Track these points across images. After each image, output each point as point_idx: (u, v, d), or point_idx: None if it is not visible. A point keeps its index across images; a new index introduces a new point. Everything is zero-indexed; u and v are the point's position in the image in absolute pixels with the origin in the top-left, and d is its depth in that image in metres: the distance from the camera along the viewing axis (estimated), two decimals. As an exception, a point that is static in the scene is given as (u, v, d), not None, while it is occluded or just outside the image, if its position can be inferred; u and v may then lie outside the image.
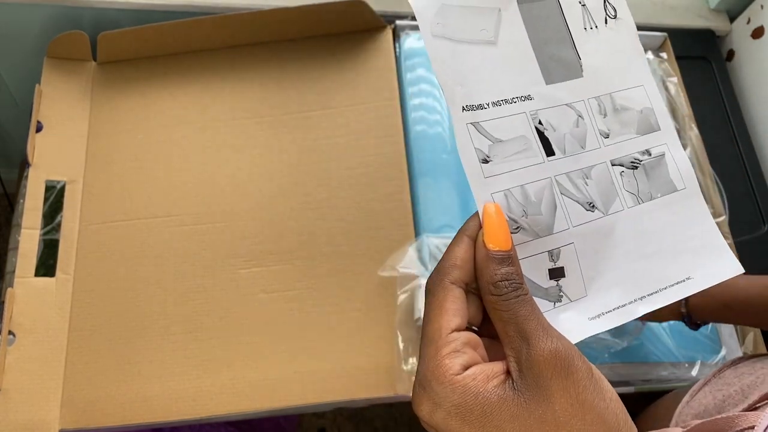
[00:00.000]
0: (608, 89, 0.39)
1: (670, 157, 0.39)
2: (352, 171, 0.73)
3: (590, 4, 0.39)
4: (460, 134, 0.35)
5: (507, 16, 0.38)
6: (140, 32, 0.76)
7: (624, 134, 0.38)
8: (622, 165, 0.38)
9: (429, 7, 0.36)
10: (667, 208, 0.38)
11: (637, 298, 0.36)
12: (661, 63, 0.85)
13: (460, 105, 0.35)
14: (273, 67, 0.79)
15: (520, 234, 0.34)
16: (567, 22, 0.39)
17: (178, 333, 0.66)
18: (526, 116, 0.37)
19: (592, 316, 0.35)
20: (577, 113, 0.38)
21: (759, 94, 0.89)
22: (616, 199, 0.37)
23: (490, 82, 0.37)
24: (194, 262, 0.69)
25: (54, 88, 0.77)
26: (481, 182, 0.34)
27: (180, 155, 0.75)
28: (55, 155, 0.74)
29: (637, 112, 0.39)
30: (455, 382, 0.28)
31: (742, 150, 0.86)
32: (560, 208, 0.36)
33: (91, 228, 0.71)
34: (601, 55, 0.39)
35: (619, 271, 0.37)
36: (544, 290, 0.35)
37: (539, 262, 0.35)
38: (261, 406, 0.64)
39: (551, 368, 0.28)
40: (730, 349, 0.71)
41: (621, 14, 0.40)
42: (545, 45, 0.38)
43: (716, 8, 0.95)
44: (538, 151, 0.36)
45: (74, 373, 0.65)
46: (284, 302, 0.68)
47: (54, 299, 0.67)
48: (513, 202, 0.35)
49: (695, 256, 0.38)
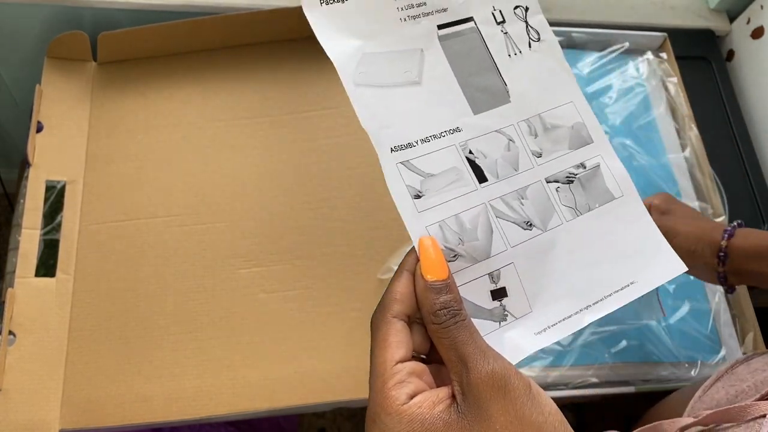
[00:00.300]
0: (537, 110, 0.40)
1: (606, 167, 0.40)
2: (352, 171, 0.73)
3: (512, 31, 0.41)
4: (390, 174, 0.36)
5: (430, 55, 0.39)
6: (140, 32, 0.76)
7: (557, 151, 0.39)
8: (558, 181, 0.39)
9: (350, 59, 0.38)
10: (606, 216, 0.39)
11: (583, 308, 0.37)
12: (661, 63, 0.85)
13: (388, 146, 0.36)
14: (273, 67, 0.79)
15: (458, 261, 0.35)
16: (490, 52, 0.40)
17: (178, 333, 0.66)
18: (455, 148, 0.38)
19: (538, 330, 0.36)
20: (507, 137, 0.39)
21: (759, 94, 0.89)
22: (554, 215, 0.38)
23: (418, 119, 0.37)
24: (194, 262, 0.69)
25: (54, 88, 0.77)
26: (415, 217, 0.35)
27: (180, 155, 0.75)
28: (56, 155, 0.74)
29: (568, 128, 0.40)
30: (402, 412, 0.29)
31: (741, 150, 0.86)
32: (497, 231, 0.37)
33: (92, 228, 0.71)
34: (527, 78, 0.40)
35: (563, 284, 0.38)
36: (488, 311, 0.36)
37: (481, 285, 0.36)
38: (261, 406, 0.64)
39: (489, 389, 0.29)
40: (730, 349, 0.71)
41: (544, 36, 0.41)
42: (470, 77, 0.39)
43: (716, 8, 0.95)
44: (470, 179, 0.37)
45: (74, 373, 0.65)
46: (284, 302, 0.68)
47: (54, 299, 0.67)
48: (448, 231, 0.36)
49: (637, 260, 0.39)
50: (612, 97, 0.82)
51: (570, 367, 0.66)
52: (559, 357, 0.66)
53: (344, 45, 0.38)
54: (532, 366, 0.66)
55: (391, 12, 0.39)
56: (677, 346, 0.69)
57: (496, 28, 0.41)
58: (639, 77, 0.84)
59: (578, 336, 0.67)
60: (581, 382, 0.66)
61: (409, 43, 0.39)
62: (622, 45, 0.85)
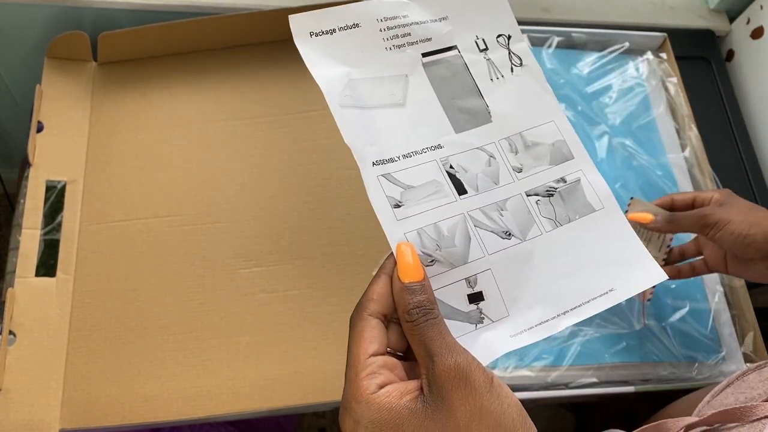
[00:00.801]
0: (518, 129, 0.42)
1: (586, 182, 0.42)
2: (352, 171, 0.74)
3: (495, 57, 0.43)
4: (371, 186, 0.38)
5: (414, 79, 0.42)
6: (140, 32, 0.76)
7: (537, 167, 0.42)
8: (538, 194, 0.41)
9: (337, 84, 0.40)
10: (586, 227, 0.41)
11: (560, 313, 0.39)
12: (661, 63, 0.85)
13: (370, 161, 0.39)
14: (273, 67, 0.79)
15: (435, 266, 0.37)
16: (473, 76, 0.43)
17: (178, 333, 0.67)
18: (436, 163, 0.40)
19: (514, 333, 0.38)
20: (488, 154, 0.41)
21: (758, 94, 0.89)
22: (533, 226, 0.40)
23: (401, 137, 0.40)
24: (194, 262, 0.69)
25: (54, 88, 0.77)
26: (394, 224, 0.38)
27: (180, 155, 0.75)
28: (56, 155, 0.74)
29: (548, 145, 0.43)
30: (371, 400, 0.32)
31: (741, 150, 0.86)
32: (474, 239, 0.39)
33: (92, 228, 0.71)
34: (508, 100, 0.43)
35: (541, 290, 0.39)
36: (465, 314, 0.38)
37: (458, 289, 0.38)
38: (261, 406, 0.64)
39: (452, 380, 0.31)
40: (730, 349, 0.71)
41: (526, 62, 0.44)
42: (453, 99, 0.42)
43: (716, 8, 0.95)
44: (450, 191, 0.39)
45: (74, 372, 0.65)
46: (284, 302, 0.68)
47: (54, 299, 0.67)
48: (426, 238, 0.38)
49: (617, 268, 0.40)
50: (612, 97, 0.82)
51: (570, 366, 0.66)
52: (559, 357, 0.66)
53: (331, 71, 0.40)
54: (532, 366, 0.66)
55: (378, 42, 0.42)
56: (677, 346, 0.69)
57: (479, 54, 0.44)
58: (639, 77, 0.84)
59: (578, 336, 0.67)
60: (581, 382, 0.66)
61: (395, 69, 0.42)
62: (622, 45, 0.85)
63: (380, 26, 0.42)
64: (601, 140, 0.78)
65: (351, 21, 0.41)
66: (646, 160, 0.78)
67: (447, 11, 0.44)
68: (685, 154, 0.81)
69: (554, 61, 0.82)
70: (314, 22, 0.41)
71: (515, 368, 0.65)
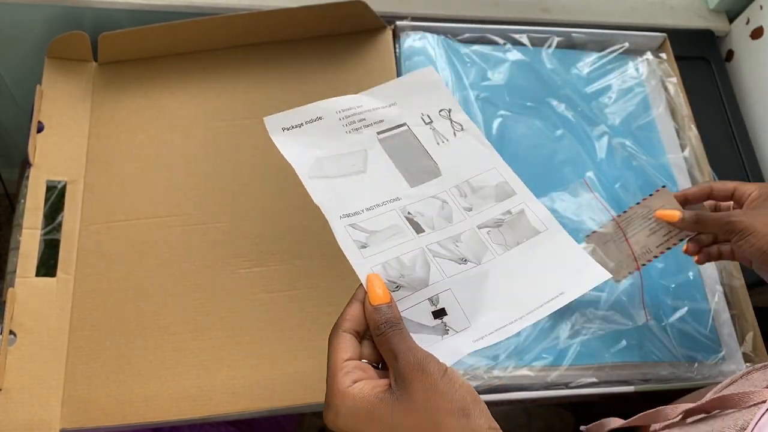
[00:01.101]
0: (464, 178, 0.51)
1: (530, 211, 0.50)
2: (352, 171, 0.74)
3: (438, 127, 0.53)
4: (339, 233, 0.47)
5: (372, 152, 0.51)
6: (141, 33, 0.76)
7: (485, 205, 0.50)
8: (488, 226, 0.49)
9: (306, 162, 0.50)
10: (533, 246, 0.48)
11: (516, 319, 0.45)
12: (661, 63, 0.86)
13: (337, 215, 0.47)
14: (273, 68, 0.79)
15: (401, 291, 0.44)
16: (422, 143, 0.52)
17: (178, 333, 0.67)
18: (396, 211, 0.48)
19: (476, 338, 0.44)
20: (441, 200, 0.49)
21: (758, 95, 0.89)
22: (486, 252, 0.47)
23: (364, 195, 0.49)
24: (195, 262, 0.70)
25: (55, 88, 0.77)
26: (361, 261, 0.46)
27: (181, 155, 0.75)
28: (56, 155, 0.74)
29: (492, 187, 0.51)
30: (347, 393, 0.38)
31: (740, 150, 0.86)
32: (434, 266, 0.46)
33: (92, 228, 0.71)
34: (454, 157, 0.52)
35: (499, 301, 0.46)
36: (431, 328, 0.44)
37: (422, 308, 0.44)
38: (261, 406, 0.64)
39: (412, 371, 0.38)
40: (730, 349, 0.71)
41: (466, 127, 0.54)
42: (407, 162, 0.51)
43: (715, 9, 0.95)
44: (409, 232, 0.47)
45: (75, 372, 0.65)
46: (285, 302, 0.68)
47: (55, 299, 0.67)
48: (390, 269, 0.45)
49: (564, 275, 0.47)
50: (611, 97, 0.82)
51: (569, 366, 0.66)
52: (559, 357, 0.66)
53: (301, 154, 0.50)
54: (532, 366, 0.66)
55: (339, 128, 0.51)
56: (677, 345, 0.69)
57: (425, 126, 0.53)
58: (638, 77, 0.84)
59: (577, 336, 0.67)
60: (581, 381, 0.67)
61: (355, 146, 0.51)
62: (622, 45, 0.85)
63: (339, 116, 0.52)
64: (600, 140, 0.79)
65: (315, 116, 0.52)
66: (646, 161, 0.79)
67: (395, 99, 0.54)
68: (684, 154, 0.81)
69: (554, 61, 0.82)
70: (285, 120, 0.51)
71: (515, 368, 0.65)
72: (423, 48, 0.80)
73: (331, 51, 0.80)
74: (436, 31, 0.81)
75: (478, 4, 0.89)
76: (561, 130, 0.78)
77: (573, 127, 0.78)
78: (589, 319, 0.68)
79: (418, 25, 0.81)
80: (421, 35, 0.80)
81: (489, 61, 0.81)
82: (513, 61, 0.81)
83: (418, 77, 0.56)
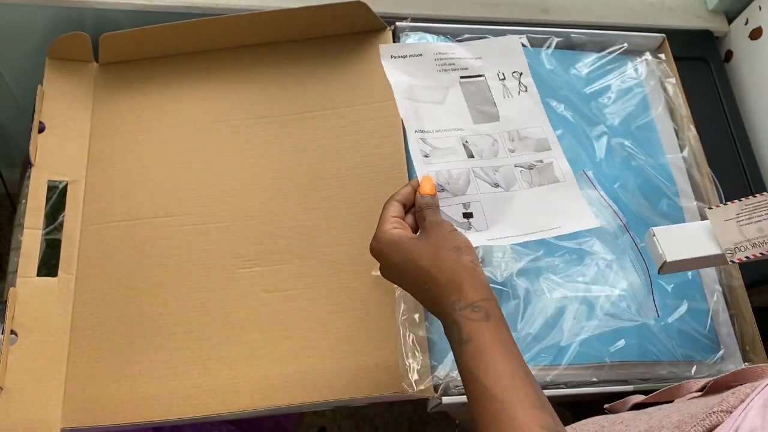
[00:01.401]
0: (515, 127, 0.66)
1: (557, 164, 0.65)
2: (352, 171, 0.74)
3: (508, 84, 0.69)
4: (412, 143, 0.63)
5: (452, 89, 0.67)
6: (141, 33, 0.77)
7: (525, 151, 0.65)
8: (522, 167, 0.64)
9: (402, 86, 0.65)
10: (550, 190, 0.63)
11: (520, 235, 0.60)
12: (660, 64, 0.86)
13: (414, 129, 0.64)
14: (274, 68, 0.80)
15: (444, 193, 0.61)
16: (492, 93, 0.68)
17: (179, 332, 0.67)
18: (457, 138, 0.64)
19: (489, 238, 0.59)
20: (493, 139, 0.65)
21: (757, 95, 0.90)
22: (515, 183, 0.63)
23: (437, 120, 0.65)
24: (195, 262, 0.70)
25: (56, 88, 0.77)
26: (422, 165, 0.62)
27: (181, 155, 0.75)
28: (57, 155, 0.74)
29: (535, 139, 0.66)
30: (386, 231, 0.55)
31: (740, 150, 0.87)
32: (473, 184, 0.62)
33: (93, 228, 0.72)
34: (513, 110, 0.67)
35: (513, 220, 0.61)
36: (459, 223, 0.60)
37: (457, 208, 0.61)
38: (262, 405, 0.64)
39: (432, 225, 0.55)
40: (729, 348, 0.71)
41: (530, 90, 0.69)
42: (476, 105, 0.67)
43: (714, 9, 0.95)
44: (462, 154, 0.63)
45: (76, 372, 0.65)
46: (285, 302, 0.68)
47: (56, 299, 0.68)
48: (441, 176, 0.61)
49: (565, 215, 0.62)
50: (611, 98, 0.82)
51: (568, 366, 0.67)
52: (558, 356, 0.67)
53: (400, 78, 0.66)
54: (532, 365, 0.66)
55: (432, 66, 0.67)
56: (675, 345, 0.69)
57: (498, 81, 0.68)
58: (638, 78, 0.84)
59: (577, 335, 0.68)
60: (580, 381, 0.67)
61: (441, 83, 0.67)
62: (621, 46, 0.85)
63: (435, 57, 0.67)
64: (600, 140, 0.79)
65: (417, 52, 0.67)
66: (645, 161, 0.79)
67: (481, 53, 0.69)
68: (683, 155, 0.81)
69: (553, 61, 0.82)
70: (395, 50, 0.67)
71: (514, 367, 0.65)
72: (423, 48, 0.80)
73: (331, 51, 0.80)
74: (435, 31, 0.81)
75: (478, 5, 0.89)
76: (560, 131, 0.78)
77: (572, 127, 0.78)
78: (595, 315, 0.68)
79: (417, 25, 0.81)
80: (420, 36, 0.80)
81: (489, 61, 0.82)
82: (512, 61, 0.82)
83: (505, 42, 0.70)
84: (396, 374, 0.64)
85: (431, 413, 0.96)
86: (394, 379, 0.64)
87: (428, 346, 0.66)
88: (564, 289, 0.69)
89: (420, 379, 0.63)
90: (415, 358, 0.64)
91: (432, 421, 1.32)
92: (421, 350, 0.65)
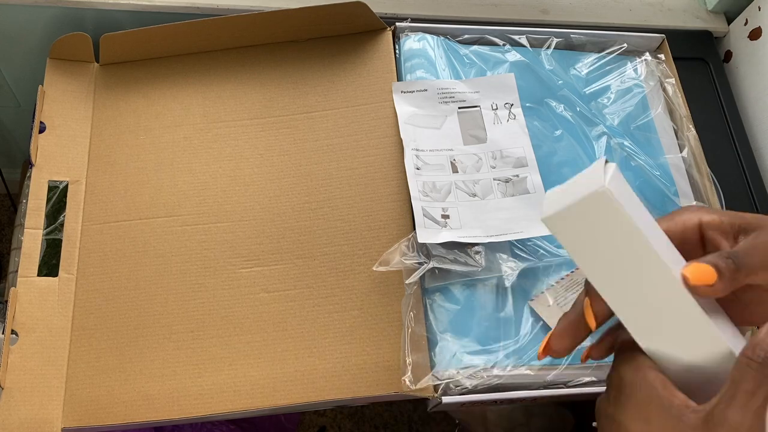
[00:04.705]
0: (500, 148, 0.74)
1: (530, 179, 0.72)
2: (353, 171, 0.74)
3: (500, 113, 0.76)
4: (407, 158, 0.71)
5: (450, 117, 0.75)
6: (142, 34, 0.77)
7: (505, 167, 0.73)
8: (500, 180, 0.72)
9: (406, 113, 0.75)
10: (520, 200, 0.71)
11: (486, 235, 0.67)
12: (659, 64, 0.86)
13: (411, 147, 0.72)
14: (274, 69, 0.80)
15: (427, 198, 0.69)
16: (483, 120, 0.76)
17: (179, 332, 0.67)
18: (446, 156, 0.73)
19: (459, 236, 0.67)
20: (478, 157, 0.73)
21: (756, 95, 0.90)
22: (491, 194, 0.71)
23: (431, 141, 0.73)
24: (196, 262, 0.70)
25: (57, 89, 0.77)
26: (413, 177, 0.70)
27: (182, 156, 0.75)
28: (58, 156, 0.74)
29: (515, 158, 0.73)
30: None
31: (739, 150, 0.87)
32: (452, 193, 0.70)
33: (94, 228, 0.72)
34: (500, 134, 0.75)
35: (483, 223, 0.68)
36: (437, 221, 0.67)
37: (437, 210, 0.68)
38: (262, 405, 0.64)
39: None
40: (728, 348, 0.71)
41: (518, 118, 0.76)
42: (468, 129, 0.75)
43: (714, 10, 0.95)
44: (448, 170, 0.72)
45: (76, 371, 0.65)
46: (285, 301, 0.68)
47: (57, 298, 0.68)
48: (426, 186, 0.70)
49: (528, 222, 0.69)
50: (610, 98, 0.82)
51: (569, 365, 0.67)
52: (558, 356, 0.67)
53: (405, 108, 0.75)
54: (531, 365, 0.66)
55: (435, 98, 0.76)
56: (675, 345, 0.69)
57: (491, 111, 0.76)
58: (637, 78, 0.84)
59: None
60: (580, 380, 0.67)
61: (440, 112, 0.75)
62: (620, 46, 0.85)
63: (438, 91, 0.76)
64: (599, 141, 0.79)
65: (423, 87, 0.76)
66: (644, 161, 0.79)
67: (479, 88, 0.77)
68: (683, 155, 0.81)
69: (553, 62, 0.82)
70: (405, 86, 0.76)
71: (514, 367, 0.66)
72: (423, 49, 0.80)
73: (331, 52, 0.80)
74: (435, 32, 0.82)
75: (478, 6, 0.89)
76: (560, 131, 0.78)
77: (572, 127, 0.78)
78: None
79: (417, 26, 0.81)
80: (420, 36, 0.81)
81: (488, 62, 0.82)
82: (512, 61, 0.82)
83: (502, 79, 0.78)
84: (396, 374, 0.65)
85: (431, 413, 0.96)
86: (395, 378, 0.65)
87: (428, 345, 0.66)
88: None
89: (420, 379, 0.64)
90: (415, 358, 0.64)
91: (432, 421, 1.32)
92: (421, 350, 0.65)
